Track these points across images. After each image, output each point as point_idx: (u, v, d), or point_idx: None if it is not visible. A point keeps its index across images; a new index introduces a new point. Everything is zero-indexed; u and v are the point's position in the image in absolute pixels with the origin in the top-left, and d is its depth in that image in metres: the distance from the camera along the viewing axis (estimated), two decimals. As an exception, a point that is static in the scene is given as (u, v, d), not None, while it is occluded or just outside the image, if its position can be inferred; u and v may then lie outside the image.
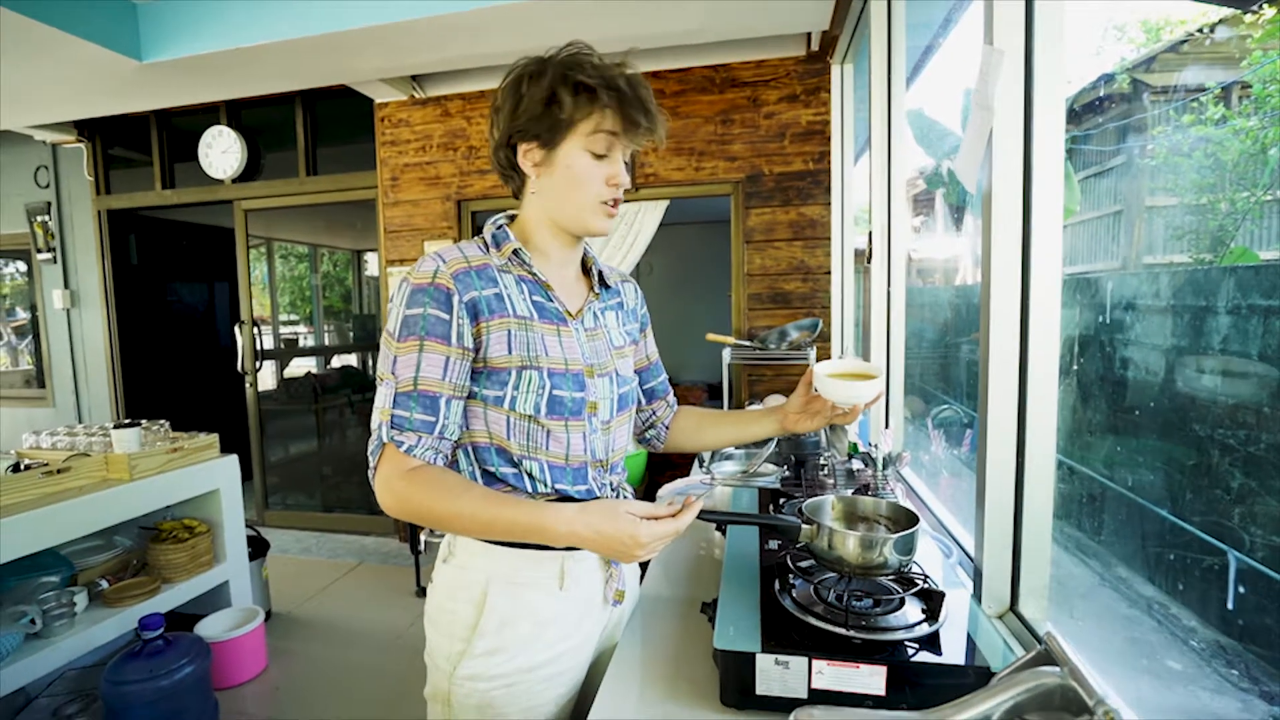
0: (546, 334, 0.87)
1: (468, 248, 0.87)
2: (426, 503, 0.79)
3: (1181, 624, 0.94)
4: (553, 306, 0.90)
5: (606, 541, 0.77)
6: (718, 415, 1.11)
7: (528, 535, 0.79)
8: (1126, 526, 1.05)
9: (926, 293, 2.53)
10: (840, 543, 0.88)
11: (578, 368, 0.89)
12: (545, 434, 0.87)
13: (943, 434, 1.77)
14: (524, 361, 0.85)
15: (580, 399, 0.88)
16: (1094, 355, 1.16)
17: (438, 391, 0.82)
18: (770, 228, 2.99)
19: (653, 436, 1.13)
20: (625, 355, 0.99)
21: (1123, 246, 1.38)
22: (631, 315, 1.05)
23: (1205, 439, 0.93)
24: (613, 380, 0.94)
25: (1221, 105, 1.12)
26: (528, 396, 0.85)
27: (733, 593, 0.96)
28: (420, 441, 0.81)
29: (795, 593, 0.93)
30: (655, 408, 1.13)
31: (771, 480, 1.52)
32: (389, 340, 0.83)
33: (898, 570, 0.89)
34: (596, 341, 0.94)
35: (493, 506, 0.79)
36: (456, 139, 3.29)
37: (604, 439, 0.93)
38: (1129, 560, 1.04)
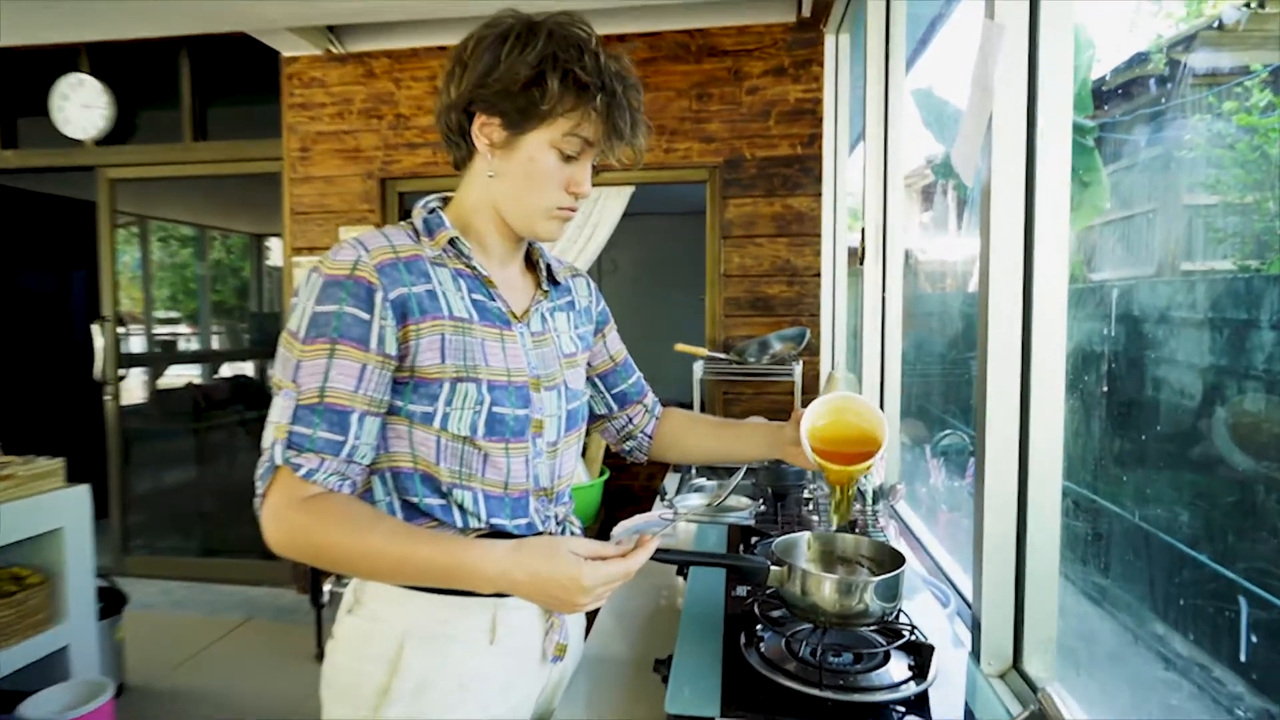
0: (487, 339, 0.87)
1: (394, 235, 0.87)
2: (325, 538, 0.78)
3: (1226, 689, 0.95)
4: (495, 307, 0.90)
5: (544, 586, 0.77)
6: (708, 423, 1.12)
7: (448, 578, 0.78)
8: (1160, 574, 1.07)
9: (935, 300, 2.60)
10: (815, 587, 0.88)
11: (522, 379, 0.89)
12: (482, 458, 0.86)
13: (944, 463, 1.81)
14: (459, 372, 0.84)
15: (524, 417, 0.89)
16: (1122, 375, 1.19)
17: (348, 405, 0.80)
18: (751, 221, 3.04)
19: (633, 447, 1.15)
20: (576, 364, 1.00)
21: (1158, 251, 1.41)
22: (584, 315, 1.06)
23: (1248, 472, 0.96)
24: (561, 394, 0.95)
25: (1269, 91, 1.15)
26: (463, 414, 0.84)
27: (691, 647, 0.97)
28: (323, 465, 0.80)
29: (763, 647, 0.94)
30: (630, 414, 1.14)
31: (744, 516, 1.54)
32: (290, 341, 0.81)
33: (881, 619, 0.89)
34: (544, 348, 0.94)
35: (406, 543, 0.78)
36: (382, 105, 3.27)
37: (549, 464, 0.94)
38: (1164, 613, 1.07)
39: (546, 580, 0.76)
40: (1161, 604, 1.07)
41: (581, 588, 0.77)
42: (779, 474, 1.86)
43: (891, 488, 1.56)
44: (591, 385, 1.13)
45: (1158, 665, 1.05)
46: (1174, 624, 1.03)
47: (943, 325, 2.43)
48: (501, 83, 0.83)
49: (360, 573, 0.81)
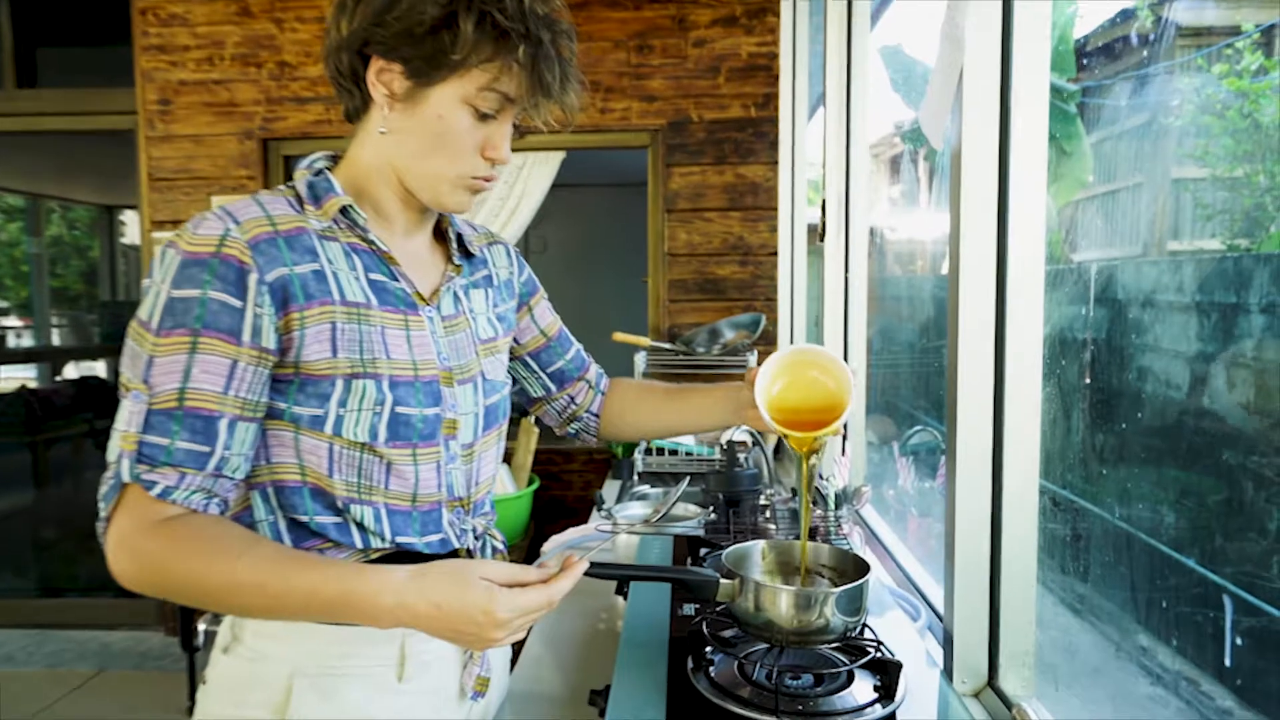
0: (388, 327, 0.86)
1: (272, 203, 0.85)
2: (182, 569, 0.75)
3: (1215, 704, 0.99)
4: (397, 288, 0.89)
5: (450, 620, 0.75)
6: (661, 393, 1.14)
7: (335, 613, 0.76)
8: (1143, 579, 1.12)
9: (903, 283, 2.68)
10: (770, 601, 0.90)
11: (431, 373, 0.88)
12: (384, 468, 0.85)
13: (913, 463, 1.87)
14: (355, 367, 0.83)
15: (434, 417, 0.88)
16: (1104, 363, 1.24)
17: (215, 410, 0.78)
18: (699, 193, 3.07)
19: (580, 429, 1.18)
20: (496, 351, 1.00)
21: (1143, 229, 1.46)
22: (505, 290, 1.05)
23: (1236, 468, 1.00)
24: (477, 387, 0.94)
25: (1260, 53, 1.19)
26: (360, 416, 0.83)
27: (632, 675, 0.97)
28: (183, 481, 0.78)
29: (713, 671, 0.95)
30: (572, 393, 1.16)
31: (693, 526, 1.56)
32: (141, 333, 0.78)
33: (843, 636, 0.91)
34: (457, 335, 0.94)
35: (282, 572, 0.75)
36: (261, 50, 3.16)
37: (465, 469, 0.93)
38: (1149, 624, 1.12)
39: (454, 613, 0.75)
40: (1145, 612, 1.12)
41: (495, 621, 0.75)
42: (731, 479, 1.89)
43: (856, 491, 1.60)
44: (523, 366, 1.13)
45: (1143, 679, 1.10)
46: (1159, 634, 1.08)
47: (912, 311, 2.50)
48: (403, 22, 0.81)
49: (230, 609, 0.79)
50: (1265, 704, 0.92)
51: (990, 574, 1.04)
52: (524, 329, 1.12)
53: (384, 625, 0.77)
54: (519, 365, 1.15)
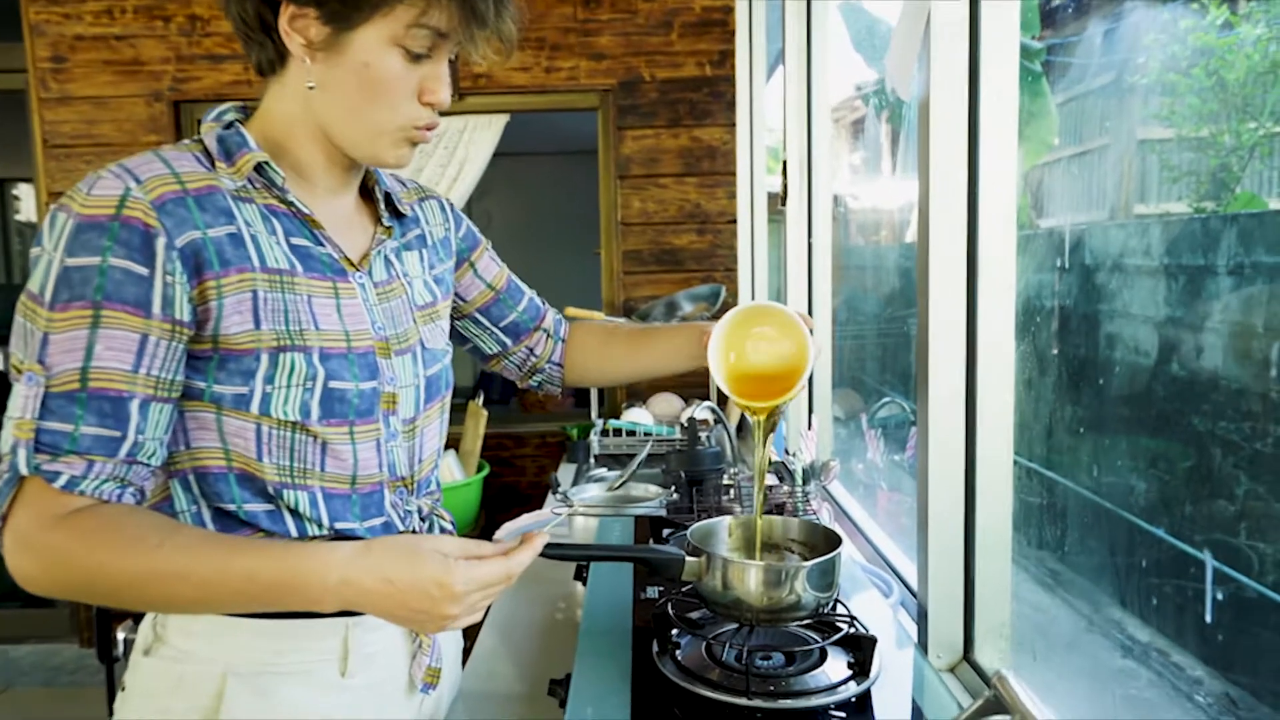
0: (316, 295, 0.84)
1: (178, 159, 0.81)
2: (94, 563, 0.72)
3: (1186, 674, 1.03)
4: (323, 253, 0.87)
5: (402, 597, 0.73)
6: (624, 336, 1.17)
7: (274, 598, 0.74)
8: (1116, 552, 1.16)
9: (868, 253, 2.71)
10: (738, 578, 0.91)
11: (366, 344, 0.87)
12: (319, 448, 0.84)
13: (882, 436, 1.91)
14: (281, 340, 0.81)
15: (371, 391, 0.87)
16: (1073, 331, 1.27)
17: (125, 390, 0.75)
18: (653, 157, 3.06)
19: (543, 381, 1.20)
20: (435, 317, 0.99)
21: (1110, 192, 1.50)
22: (441, 249, 1.04)
23: (1205, 434, 1.03)
24: (417, 358, 0.93)
25: (1225, 6, 1.21)
26: (290, 393, 0.82)
27: (594, 662, 0.98)
28: (92, 470, 0.75)
29: (680, 654, 0.96)
30: (530, 344, 1.17)
31: (654, 506, 1.58)
32: (32, 308, 0.75)
33: (815, 612, 0.93)
34: (392, 301, 0.92)
35: (213, 556, 0.74)
36: (169, 1, 3.04)
37: (407, 446, 0.92)
38: (1120, 596, 1.15)
39: (406, 588, 0.73)
40: (1116, 584, 1.16)
41: (451, 594, 0.73)
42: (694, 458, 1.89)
43: (824, 465, 1.62)
44: (473, 323, 1.14)
45: (1115, 653, 1.14)
46: (1130, 607, 1.11)
47: (877, 282, 2.53)
48: None
49: (151, 605, 0.77)
50: (1236, 671, 0.96)
51: (965, 546, 1.07)
52: (467, 286, 1.11)
53: (328, 608, 0.75)
54: (468, 323, 1.14)
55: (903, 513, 1.71)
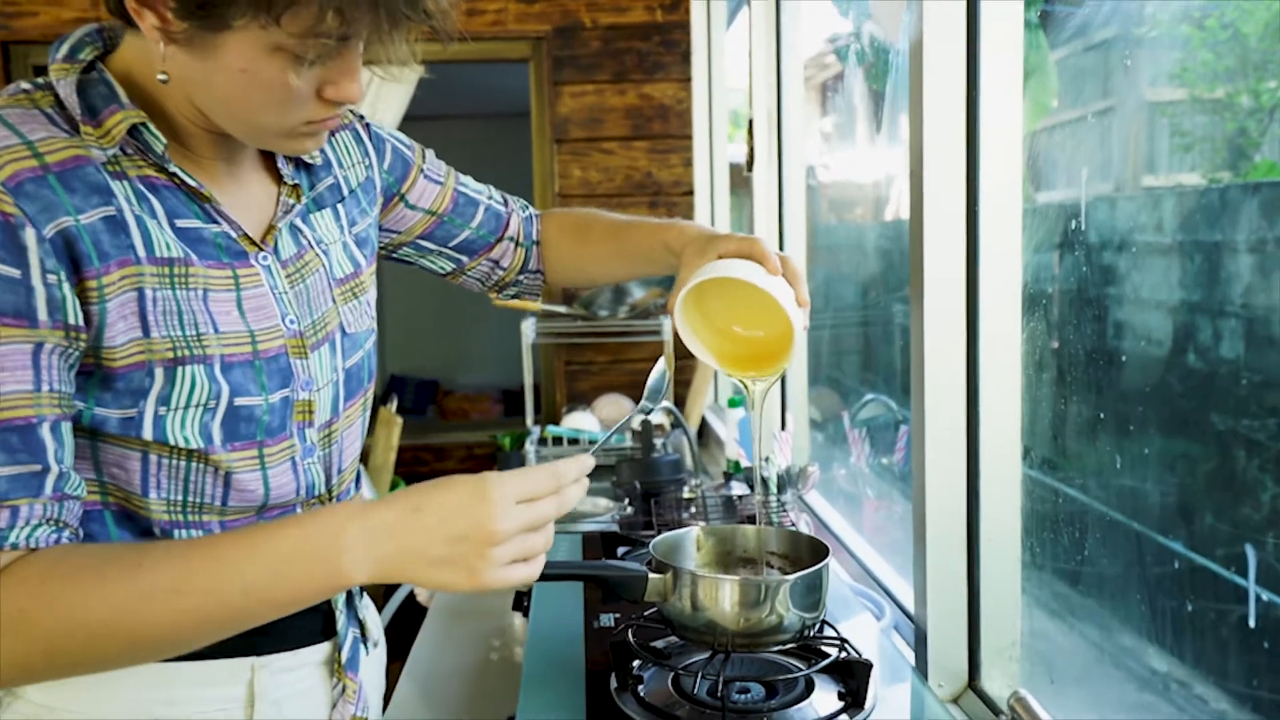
0: (213, 289, 0.82)
1: (27, 121, 0.75)
2: (64, 610, 0.69)
3: (1210, 707, 1.04)
4: (217, 233, 0.84)
5: (436, 525, 0.71)
6: (605, 230, 1.17)
7: (291, 586, 0.72)
8: (1127, 570, 1.18)
9: (842, 233, 2.73)
10: (710, 596, 0.90)
11: (276, 344, 0.85)
12: (220, 479, 0.83)
13: (866, 437, 1.93)
14: (177, 349, 0.78)
15: (282, 403, 0.85)
16: (1076, 320, 1.29)
17: (31, 415, 0.72)
18: (596, 118, 3.05)
19: (519, 293, 1.24)
20: (359, 290, 0.97)
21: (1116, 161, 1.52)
22: (364, 197, 1.02)
23: (1226, 433, 1.04)
24: (335, 347, 0.92)
25: None
26: (188, 415, 0.79)
27: (541, 703, 0.97)
28: (18, 517, 0.71)
29: (644, 689, 0.95)
30: (495, 256, 1.18)
31: (605, 520, 1.59)
32: None
33: (800, 635, 0.93)
34: (306, 281, 0.90)
35: (209, 553, 0.72)
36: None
37: (324, 457, 0.92)
38: (1133, 621, 1.18)
39: (438, 510, 0.72)
40: (1130, 609, 1.18)
41: (490, 505, 0.71)
42: (649, 467, 1.89)
43: (801, 472, 1.63)
44: (414, 249, 1.14)
45: (1130, 685, 1.16)
46: (1146, 633, 1.14)
47: (854, 266, 2.55)
48: None
49: (144, 643, 0.72)
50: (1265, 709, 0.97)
51: (968, 558, 1.08)
52: (398, 219, 1.09)
53: (355, 575, 0.72)
54: (409, 250, 1.13)
55: (893, 525, 1.73)
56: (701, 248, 0.96)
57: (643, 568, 0.94)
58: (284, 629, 0.87)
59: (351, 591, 0.97)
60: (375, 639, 1.02)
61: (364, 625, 1.00)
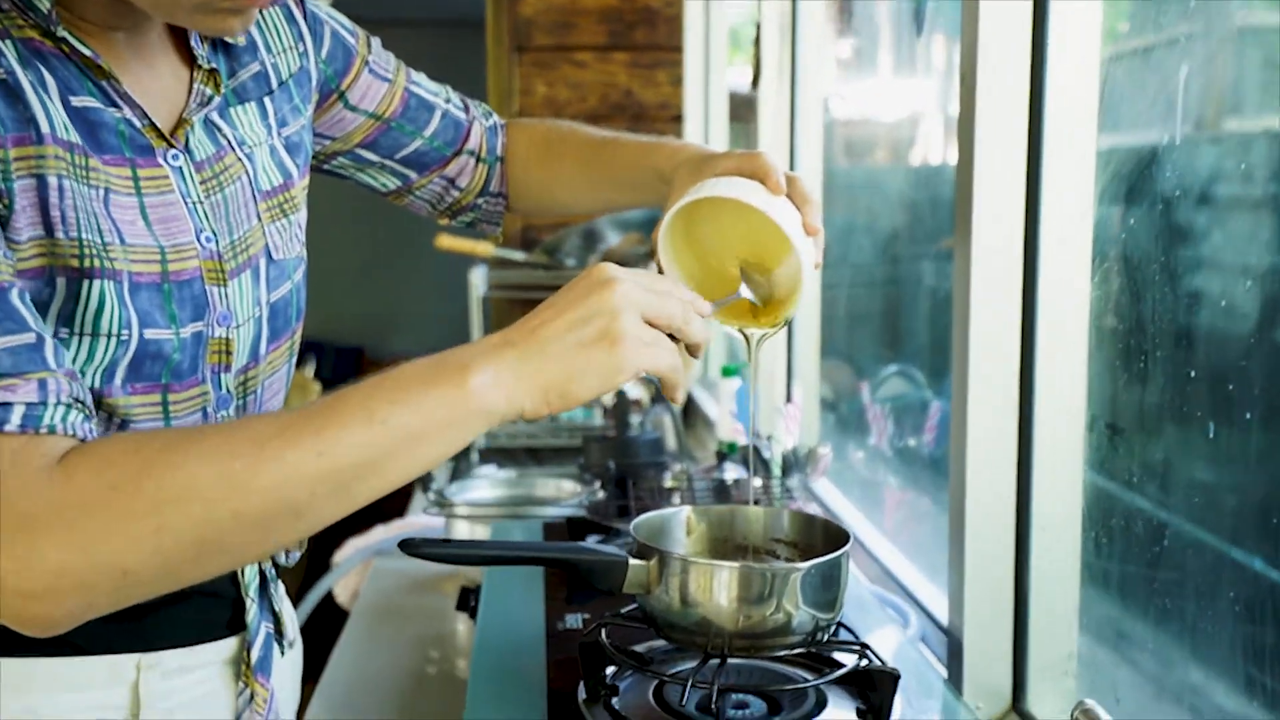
0: (115, 190, 0.82)
1: None
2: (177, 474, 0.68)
3: None
4: (118, 120, 0.84)
5: (563, 310, 0.75)
6: (579, 148, 1.18)
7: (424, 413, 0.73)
8: (1195, 590, 1.18)
9: (860, 179, 2.73)
10: (703, 588, 0.90)
11: (190, 265, 0.86)
12: (115, 431, 0.83)
13: (889, 416, 1.93)
14: (84, 256, 0.78)
15: (194, 339, 0.86)
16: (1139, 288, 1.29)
17: None
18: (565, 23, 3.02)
19: (476, 219, 1.25)
20: (289, 207, 0.98)
21: (1195, 98, 1.50)
22: (296, 90, 1.02)
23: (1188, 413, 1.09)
24: (259, 275, 0.93)
25: None
26: (95, 346, 0.80)
27: (492, 714, 0.98)
28: (48, 391, 0.71)
29: (620, 702, 0.94)
30: (450, 173, 1.18)
31: (572, 506, 1.60)
32: None
33: (811, 638, 0.92)
34: (225, 190, 0.91)
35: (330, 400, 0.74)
36: None
37: (240, 408, 0.93)
38: (1201, 650, 1.17)
39: (561, 300, 0.76)
40: (1194, 635, 1.19)
41: (606, 276, 0.75)
42: (624, 447, 1.89)
43: (810, 453, 1.64)
44: (353, 161, 1.14)
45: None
46: (1215, 666, 1.14)
47: (872, 218, 2.55)
48: None
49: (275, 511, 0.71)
50: None
51: (1016, 556, 1.10)
52: (334, 123, 1.09)
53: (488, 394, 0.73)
54: (345, 161, 1.14)
55: (920, 519, 1.73)
56: (696, 169, 0.97)
57: (621, 551, 0.93)
58: (178, 619, 0.89)
59: (266, 577, 0.97)
60: (291, 638, 1.02)
61: (279, 619, 0.99)
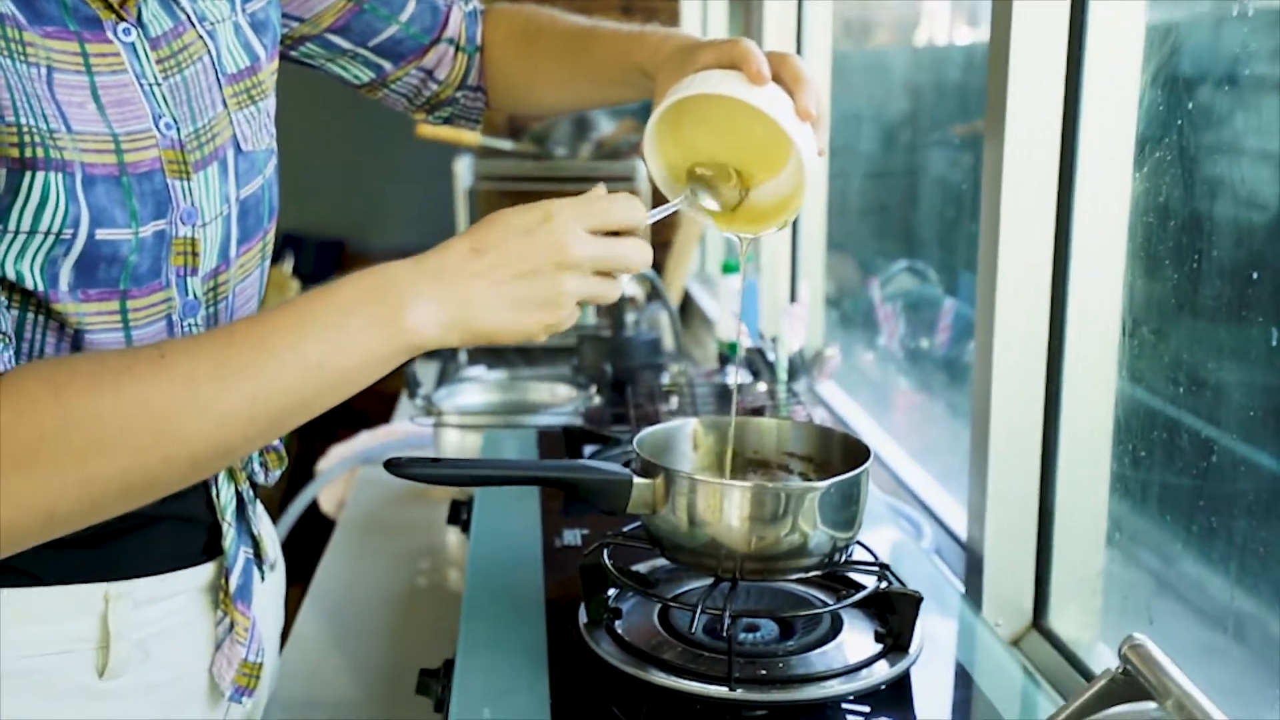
0: (59, 69, 0.79)
1: None
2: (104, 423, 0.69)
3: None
4: None
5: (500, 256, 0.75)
6: (559, 37, 1.14)
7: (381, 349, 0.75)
8: (1202, 486, 1.19)
9: (859, 62, 2.67)
10: (713, 508, 0.89)
11: (148, 155, 0.83)
12: (68, 343, 0.82)
13: (900, 313, 1.90)
14: (26, 143, 0.76)
15: (156, 239, 0.84)
16: (1154, 174, 1.28)
17: None
18: None
19: (454, 115, 1.22)
20: (258, 93, 0.96)
21: None
22: None
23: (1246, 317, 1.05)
24: (227, 169, 0.91)
25: None
26: (33, 243, 0.77)
27: (487, 642, 0.98)
28: None
29: (622, 625, 0.95)
30: (428, 64, 1.15)
31: (566, 414, 1.58)
32: None
33: (828, 560, 0.92)
34: (185, 71, 0.88)
35: (260, 326, 0.75)
36: None
37: (209, 316, 0.91)
38: (1203, 545, 1.19)
39: (498, 241, 0.76)
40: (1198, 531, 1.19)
41: (549, 214, 0.76)
42: (620, 348, 1.86)
43: (817, 356, 1.66)
44: (323, 47, 1.10)
45: (1195, 623, 1.17)
46: (1217, 561, 1.15)
47: (876, 105, 2.50)
48: None
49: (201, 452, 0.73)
50: None
51: (1042, 465, 1.09)
52: (300, 2, 1.06)
53: (422, 328, 0.74)
54: (314, 48, 1.10)
55: (930, 421, 1.72)
56: (679, 65, 0.93)
57: (625, 470, 0.92)
58: (147, 546, 0.87)
59: (244, 499, 0.96)
60: (273, 560, 1.01)
61: (258, 542, 0.98)
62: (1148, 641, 0.65)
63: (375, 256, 5.56)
